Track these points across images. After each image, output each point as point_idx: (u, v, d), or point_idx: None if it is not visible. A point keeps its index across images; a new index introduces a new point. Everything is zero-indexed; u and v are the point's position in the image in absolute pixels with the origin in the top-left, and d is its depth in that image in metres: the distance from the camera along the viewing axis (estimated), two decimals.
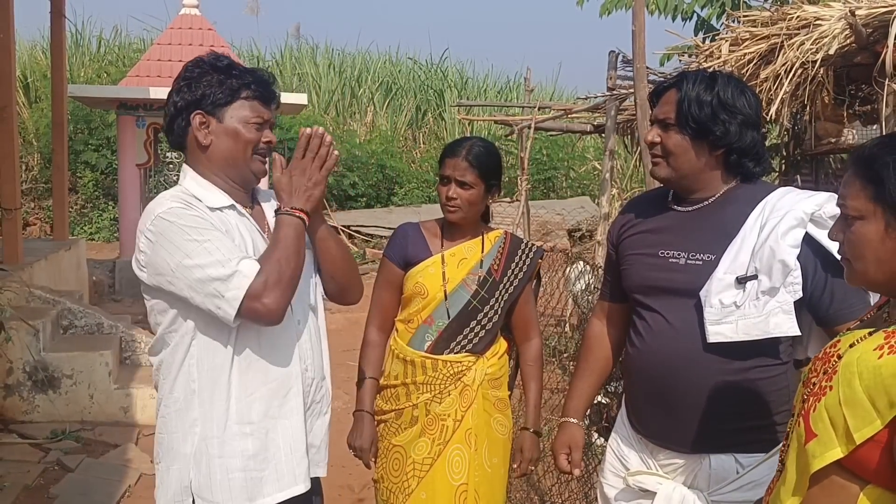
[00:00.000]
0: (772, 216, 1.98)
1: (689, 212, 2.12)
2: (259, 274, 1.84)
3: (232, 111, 1.97)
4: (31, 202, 14.00)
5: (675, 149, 2.07)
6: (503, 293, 2.65)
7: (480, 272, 2.65)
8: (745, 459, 2.03)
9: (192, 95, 1.96)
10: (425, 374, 2.60)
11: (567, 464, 2.37)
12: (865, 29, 4.45)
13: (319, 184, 1.97)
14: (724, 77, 2.08)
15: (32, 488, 4.29)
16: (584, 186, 17.05)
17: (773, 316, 1.94)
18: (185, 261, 1.84)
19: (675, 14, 8.57)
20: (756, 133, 2.06)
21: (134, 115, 10.12)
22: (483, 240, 2.70)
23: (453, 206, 2.59)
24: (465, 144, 2.61)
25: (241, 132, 1.97)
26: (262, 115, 2.00)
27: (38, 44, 17.55)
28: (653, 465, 2.17)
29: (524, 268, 2.70)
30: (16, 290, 5.54)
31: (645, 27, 3.98)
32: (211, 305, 1.84)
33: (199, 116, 1.96)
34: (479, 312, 2.62)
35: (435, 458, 2.57)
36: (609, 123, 6.37)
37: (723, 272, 1.98)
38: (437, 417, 2.58)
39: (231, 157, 1.99)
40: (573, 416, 2.39)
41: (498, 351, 2.70)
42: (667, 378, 2.06)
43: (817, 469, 1.31)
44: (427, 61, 21.86)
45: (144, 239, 1.90)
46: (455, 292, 2.62)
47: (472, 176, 2.57)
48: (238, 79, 1.97)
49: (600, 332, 2.41)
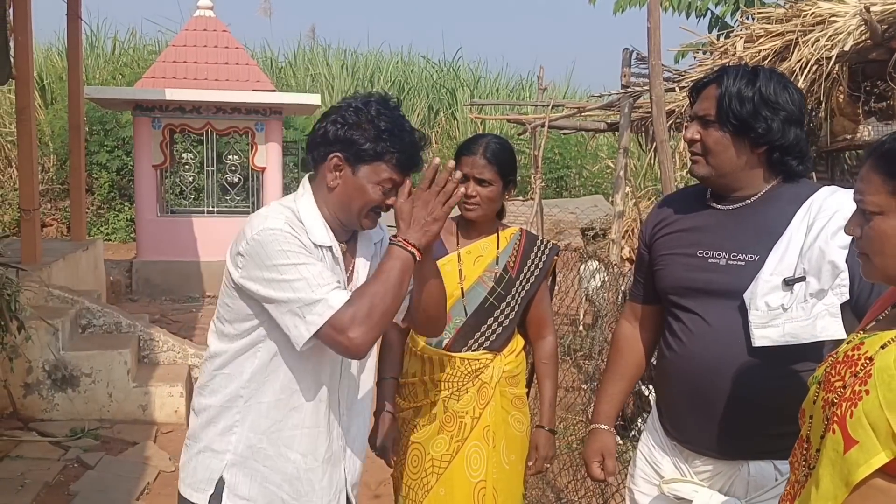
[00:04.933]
0: (819, 216, 1.91)
1: (730, 210, 2.04)
2: (348, 305, 1.82)
3: (369, 169, 1.94)
4: (47, 203, 14.09)
5: (715, 146, 1.99)
6: (520, 290, 2.65)
7: (497, 269, 2.64)
8: (784, 466, 1.91)
9: (343, 134, 1.93)
10: (443, 372, 2.60)
11: (600, 472, 2.30)
12: (881, 25, 4.43)
13: (439, 220, 1.89)
14: (766, 72, 2.00)
15: (53, 485, 4.33)
16: (597, 185, 16.99)
17: (821, 319, 1.87)
18: (277, 276, 1.84)
19: (690, 11, 8.53)
20: (800, 130, 1.98)
21: (150, 117, 10.19)
22: (498, 237, 2.69)
23: (472, 203, 2.58)
24: (482, 142, 2.60)
25: (367, 191, 1.95)
26: (395, 181, 1.95)
27: (55, 46, 17.71)
28: (687, 472, 2.09)
29: (540, 264, 2.69)
30: (35, 290, 5.59)
31: (660, 24, 3.97)
32: (289, 322, 1.84)
33: (337, 160, 1.94)
34: (496, 309, 2.62)
35: (453, 455, 2.58)
36: (623, 121, 6.36)
37: (769, 273, 1.91)
38: (456, 414, 2.59)
39: (347, 207, 1.97)
40: (604, 422, 2.31)
41: (515, 348, 2.69)
42: (707, 382, 1.99)
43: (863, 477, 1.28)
44: (440, 60, 21.89)
45: (245, 243, 1.90)
46: (472, 289, 2.63)
47: (490, 173, 2.56)
48: (389, 143, 1.92)
49: (631, 334, 2.32)
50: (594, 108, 7.85)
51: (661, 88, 4.13)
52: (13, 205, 12.69)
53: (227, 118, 10.41)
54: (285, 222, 1.91)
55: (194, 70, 10.70)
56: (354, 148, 1.92)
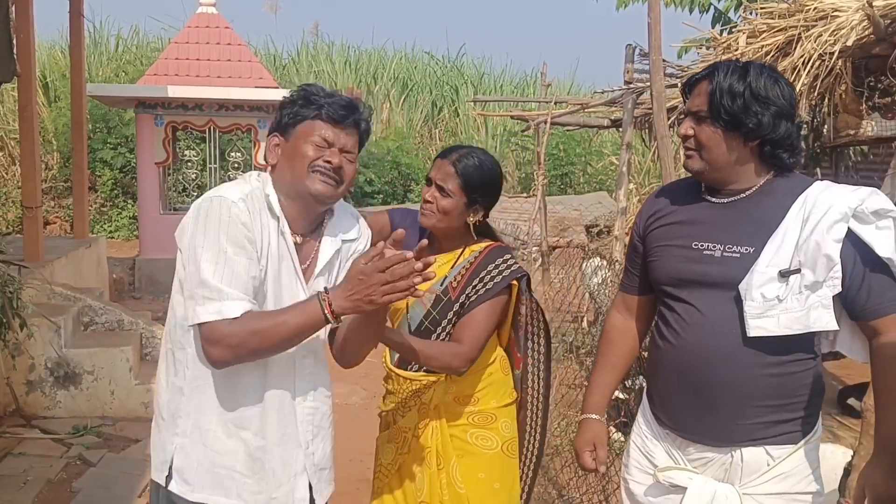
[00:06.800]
0: (815, 210, 1.95)
1: (725, 204, 2.08)
2: (231, 323, 1.78)
3: (300, 130, 1.95)
4: (50, 201, 14.10)
5: (708, 141, 2.04)
6: (456, 313, 2.46)
7: (437, 290, 2.48)
8: (776, 451, 2.02)
9: (278, 118, 2.01)
10: (394, 386, 2.59)
11: (592, 461, 2.34)
12: (884, 20, 4.40)
13: (374, 305, 1.74)
14: (756, 67, 2.04)
15: (55, 482, 4.34)
16: (601, 182, 16.96)
17: (814, 310, 1.93)
18: (199, 249, 1.81)
19: (693, 6, 8.52)
20: (790, 124, 2.03)
21: (152, 114, 10.19)
22: (459, 255, 2.52)
23: (426, 209, 2.47)
24: (460, 151, 2.48)
25: (301, 150, 1.93)
26: (326, 137, 1.93)
27: (57, 44, 17.70)
28: (680, 460, 2.14)
29: (489, 284, 2.45)
30: (37, 287, 5.61)
31: (661, 19, 3.96)
32: (187, 299, 1.83)
33: (275, 138, 1.99)
34: (432, 333, 2.48)
35: (397, 468, 2.57)
36: (626, 117, 6.34)
37: (765, 265, 1.96)
38: (400, 429, 2.56)
39: (291, 176, 1.94)
40: (594, 412, 2.36)
41: (475, 368, 2.50)
42: (702, 372, 2.04)
43: None
44: (444, 57, 21.88)
45: (193, 209, 1.87)
46: (413, 308, 2.52)
47: (452, 183, 2.43)
48: (315, 104, 1.95)
49: (622, 325, 2.36)
50: (597, 104, 7.83)
51: (661, 84, 4.12)
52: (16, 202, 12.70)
53: (230, 115, 10.41)
54: (241, 197, 1.87)
55: (197, 67, 10.69)
56: (285, 120, 1.97)
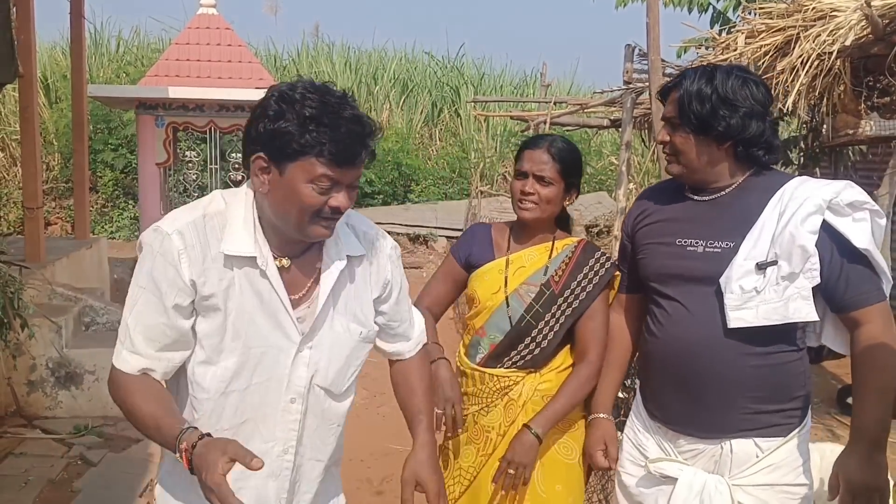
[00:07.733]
0: (791, 203, 2.00)
1: (707, 201, 2.14)
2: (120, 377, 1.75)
3: (297, 167, 1.59)
4: (51, 202, 14.14)
5: (682, 146, 2.11)
6: (564, 308, 2.42)
7: (538, 284, 2.43)
8: (765, 443, 2.06)
9: (265, 129, 1.60)
10: (474, 386, 2.50)
11: (605, 460, 2.36)
12: (882, 20, 4.42)
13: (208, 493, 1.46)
14: (724, 71, 2.09)
15: (56, 482, 4.35)
16: (601, 182, 16.98)
17: (793, 301, 1.97)
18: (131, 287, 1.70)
19: (691, 6, 8.53)
20: (762, 122, 2.07)
21: (153, 115, 10.20)
22: (552, 247, 2.48)
23: (529, 202, 2.41)
24: (548, 139, 2.46)
25: (301, 194, 1.61)
26: (333, 176, 1.61)
27: (58, 45, 17.70)
28: (671, 452, 2.19)
29: (595, 279, 2.43)
30: (38, 288, 5.61)
31: (659, 19, 3.98)
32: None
33: (261, 161, 1.63)
34: (534, 329, 2.42)
35: (478, 469, 2.48)
36: (625, 116, 6.36)
37: (743, 258, 2.01)
38: (483, 429, 2.48)
39: (285, 216, 1.66)
40: (602, 411, 2.40)
41: (559, 365, 2.47)
42: (688, 365, 2.09)
43: None
44: (444, 57, 21.87)
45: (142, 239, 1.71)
46: (512, 300, 2.44)
47: (552, 171, 2.39)
48: (317, 133, 1.57)
49: (619, 323, 2.41)
50: (597, 104, 7.85)
51: (660, 84, 4.13)
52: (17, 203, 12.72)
53: (231, 116, 10.42)
54: (179, 228, 1.65)
55: (197, 68, 10.71)
56: (277, 143, 1.59)
